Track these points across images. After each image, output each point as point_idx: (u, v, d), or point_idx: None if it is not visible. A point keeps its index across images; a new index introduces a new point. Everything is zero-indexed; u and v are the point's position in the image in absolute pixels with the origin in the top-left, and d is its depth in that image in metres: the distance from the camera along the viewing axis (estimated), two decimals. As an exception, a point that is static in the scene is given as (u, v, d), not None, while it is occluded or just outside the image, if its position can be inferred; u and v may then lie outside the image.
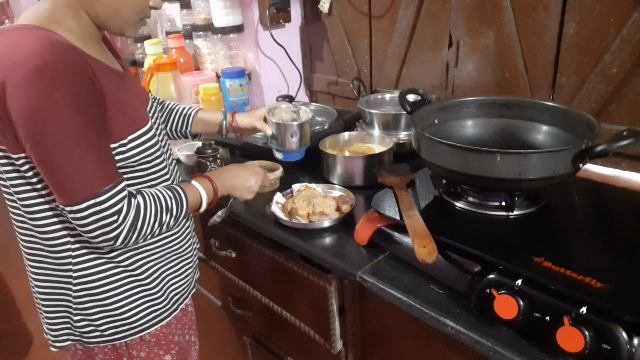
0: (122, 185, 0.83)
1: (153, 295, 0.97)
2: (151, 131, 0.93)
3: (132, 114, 0.89)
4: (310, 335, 1.14)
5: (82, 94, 0.77)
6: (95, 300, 0.92)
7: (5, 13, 2.66)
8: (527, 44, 1.24)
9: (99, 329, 0.94)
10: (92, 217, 0.79)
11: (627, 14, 1.05)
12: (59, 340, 0.97)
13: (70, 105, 0.75)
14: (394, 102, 1.46)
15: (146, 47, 1.87)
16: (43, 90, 0.73)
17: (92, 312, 0.93)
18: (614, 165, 1.15)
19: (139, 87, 1.01)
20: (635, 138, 0.78)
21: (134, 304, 0.95)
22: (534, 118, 1.05)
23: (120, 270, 0.93)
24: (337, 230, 1.09)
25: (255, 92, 1.92)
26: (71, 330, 0.95)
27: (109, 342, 0.95)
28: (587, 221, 0.94)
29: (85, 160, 0.78)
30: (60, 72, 0.74)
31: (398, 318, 0.93)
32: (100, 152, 0.80)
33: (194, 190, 0.95)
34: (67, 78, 0.75)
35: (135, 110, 0.91)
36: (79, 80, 0.76)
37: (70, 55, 0.76)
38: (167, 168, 0.99)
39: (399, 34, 1.54)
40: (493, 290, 0.75)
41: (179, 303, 1.05)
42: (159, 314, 0.99)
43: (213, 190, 0.99)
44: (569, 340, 0.66)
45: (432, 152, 0.93)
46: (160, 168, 0.96)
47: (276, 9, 1.75)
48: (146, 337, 0.99)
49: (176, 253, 1.02)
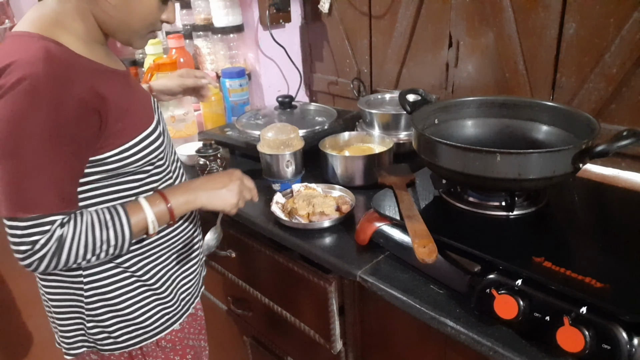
0: (53, 219, 0.76)
1: (164, 298, 0.97)
2: (157, 129, 0.91)
3: (138, 113, 0.88)
4: (310, 335, 1.14)
5: (64, 112, 0.73)
6: (108, 306, 0.92)
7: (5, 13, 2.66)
8: (527, 44, 1.24)
9: (112, 335, 0.93)
10: (9, 236, 0.76)
11: (627, 14, 1.05)
12: (73, 348, 0.96)
13: (43, 125, 0.72)
14: (394, 102, 1.46)
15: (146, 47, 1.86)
16: (21, 105, 0.71)
17: (105, 318, 0.92)
18: (614, 165, 1.15)
19: (139, 86, 1.00)
20: (635, 138, 0.78)
21: (145, 308, 0.94)
22: (534, 118, 1.05)
23: (129, 275, 0.92)
24: (337, 230, 1.08)
25: (255, 92, 1.92)
26: (85, 337, 0.95)
27: (124, 348, 0.95)
28: (587, 221, 0.94)
29: (34, 181, 0.74)
30: (44, 88, 0.72)
31: (398, 318, 0.93)
32: (57, 178, 0.76)
33: (140, 212, 0.84)
34: (50, 95, 0.72)
35: (141, 109, 0.90)
36: (64, 98, 0.73)
37: (62, 71, 0.74)
38: (169, 168, 0.97)
39: (399, 34, 1.54)
40: (493, 290, 0.75)
41: (190, 304, 1.05)
42: (171, 316, 0.99)
43: (168, 210, 0.86)
44: (569, 340, 0.66)
45: (432, 152, 0.93)
46: (163, 169, 0.95)
47: (276, 9, 1.75)
48: (162, 342, 0.98)
49: (183, 253, 1.02)
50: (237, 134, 1.47)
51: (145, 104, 0.92)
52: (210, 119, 1.71)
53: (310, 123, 1.48)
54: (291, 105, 1.55)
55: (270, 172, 1.25)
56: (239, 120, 1.54)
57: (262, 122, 1.50)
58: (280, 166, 1.23)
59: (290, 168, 1.23)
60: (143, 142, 0.87)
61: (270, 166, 1.23)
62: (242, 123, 1.50)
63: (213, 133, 1.54)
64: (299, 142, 1.25)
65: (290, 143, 1.23)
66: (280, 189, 1.24)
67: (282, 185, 1.24)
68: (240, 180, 0.96)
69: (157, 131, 0.91)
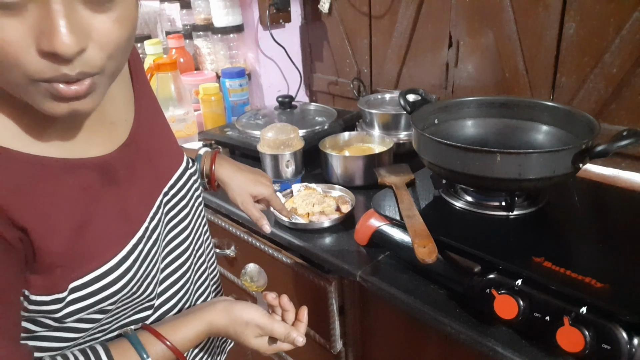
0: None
1: None
2: (130, 257, 0.57)
3: (103, 234, 0.56)
4: (310, 335, 1.14)
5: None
6: None
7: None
8: (527, 44, 1.24)
9: None
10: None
11: (627, 14, 1.05)
12: None
13: None
14: (394, 102, 1.46)
15: (146, 47, 1.87)
16: None
17: None
18: (614, 165, 1.15)
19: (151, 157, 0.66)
20: (635, 138, 0.78)
21: None
22: (534, 118, 1.05)
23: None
24: (337, 230, 1.08)
25: (255, 92, 1.92)
26: None
27: None
28: (587, 221, 0.94)
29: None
30: None
31: (398, 318, 0.93)
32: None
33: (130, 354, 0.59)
34: None
35: (114, 224, 0.57)
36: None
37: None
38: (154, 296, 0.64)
39: (399, 34, 1.54)
40: (493, 290, 0.75)
41: None
42: None
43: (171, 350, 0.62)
44: (569, 340, 0.66)
45: (432, 152, 0.93)
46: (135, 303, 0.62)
47: (276, 9, 1.75)
48: None
49: None
50: (237, 134, 1.47)
51: (134, 205, 0.61)
52: (210, 119, 1.71)
53: (310, 123, 1.48)
54: (291, 105, 1.55)
55: (270, 172, 1.25)
56: (239, 120, 1.54)
57: (262, 122, 1.50)
58: (280, 166, 1.23)
59: (291, 168, 1.23)
60: (93, 285, 0.54)
61: (271, 166, 1.23)
62: (242, 123, 1.51)
63: (213, 133, 1.54)
64: (299, 142, 1.25)
65: (291, 143, 1.23)
66: (281, 189, 1.24)
67: (282, 185, 1.24)
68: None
69: (127, 262, 0.57)
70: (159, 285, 0.66)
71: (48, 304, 0.52)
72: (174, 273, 0.70)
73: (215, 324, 0.67)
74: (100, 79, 0.48)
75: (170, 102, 1.53)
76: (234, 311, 0.69)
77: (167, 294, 0.69)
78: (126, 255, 0.57)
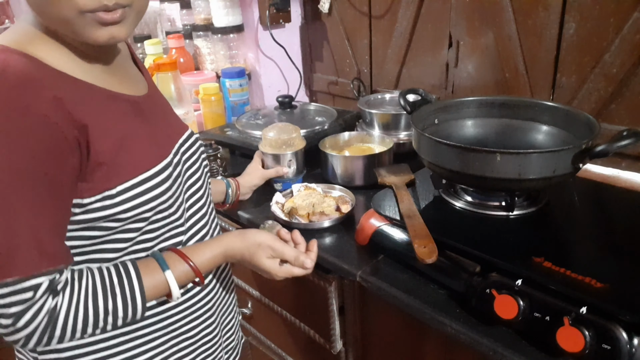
0: (36, 283, 0.59)
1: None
2: (164, 172, 0.70)
3: (141, 149, 0.68)
4: (310, 335, 1.14)
5: (24, 143, 0.56)
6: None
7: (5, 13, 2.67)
8: (527, 44, 1.24)
9: None
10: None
11: (627, 14, 1.05)
12: None
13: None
14: (394, 102, 1.46)
15: (146, 47, 1.87)
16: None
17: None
18: (614, 165, 1.15)
19: (164, 116, 0.80)
20: (635, 138, 0.78)
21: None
22: (534, 118, 1.05)
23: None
24: (337, 230, 1.08)
25: (255, 92, 1.92)
26: None
27: None
28: (587, 221, 0.94)
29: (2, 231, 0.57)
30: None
31: (398, 318, 0.93)
32: (31, 229, 0.58)
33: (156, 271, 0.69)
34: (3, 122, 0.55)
35: (148, 144, 0.70)
36: (24, 125, 0.56)
37: (18, 91, 0.56)
38: (177, 222, 0.75)
39: (399, 34, 1.54)
40: (493, 290, 0.75)
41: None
42: None
43: (191, 268, 0.72)
44: (569, 340, 0.66)
45: (432, 152, 0.93)
46: (164, 225, 0.73)
47: (276, 9, 1.75)
48: None
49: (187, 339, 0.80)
50: (237, 134, 1.47)
51: (160, 139, 0.73)
52: (210, 119, 1.71)
53: (310, 123, 1.48)
54: (291, 105, 1.55)
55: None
56: (239, 120, 1.54)
57: (262, 122, 1.50)
58: (282, 165, 1.23)
59: (292, 167, 1.23)
60: (135, 189, 0.66)
61: (272, 166, 1.23)
62: (242, 123, 1.51)
63: (213, 133, 1.54)
64: (300, 142, 1.25)
65: (292, 142, 1.23)
66: (282, 188, 1.24)
67: (283, 185, 1.24)
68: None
69: (162, 175, 0.70)
70: (186, 222, 0.78)
71: (102, 203, 0.64)
72: (196, 213, 0.81)
73: (231, 247, 0.77)
74: (130, 12, 0.62)
75: (170, 102, 1.50)
76: (248, 235, 0.79)
77: (193, 229, 0.80)
78: (161, 169, 0.70)
